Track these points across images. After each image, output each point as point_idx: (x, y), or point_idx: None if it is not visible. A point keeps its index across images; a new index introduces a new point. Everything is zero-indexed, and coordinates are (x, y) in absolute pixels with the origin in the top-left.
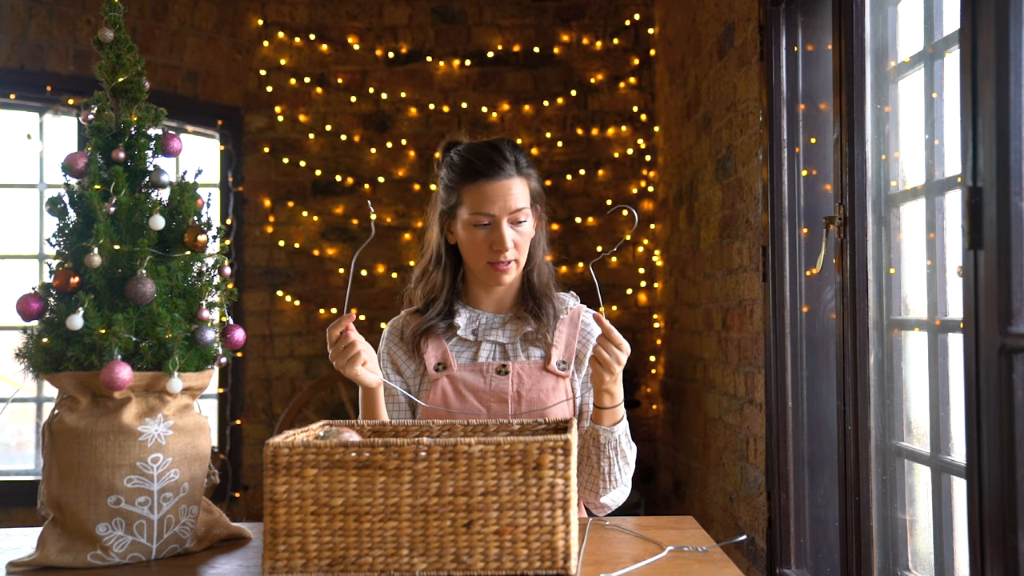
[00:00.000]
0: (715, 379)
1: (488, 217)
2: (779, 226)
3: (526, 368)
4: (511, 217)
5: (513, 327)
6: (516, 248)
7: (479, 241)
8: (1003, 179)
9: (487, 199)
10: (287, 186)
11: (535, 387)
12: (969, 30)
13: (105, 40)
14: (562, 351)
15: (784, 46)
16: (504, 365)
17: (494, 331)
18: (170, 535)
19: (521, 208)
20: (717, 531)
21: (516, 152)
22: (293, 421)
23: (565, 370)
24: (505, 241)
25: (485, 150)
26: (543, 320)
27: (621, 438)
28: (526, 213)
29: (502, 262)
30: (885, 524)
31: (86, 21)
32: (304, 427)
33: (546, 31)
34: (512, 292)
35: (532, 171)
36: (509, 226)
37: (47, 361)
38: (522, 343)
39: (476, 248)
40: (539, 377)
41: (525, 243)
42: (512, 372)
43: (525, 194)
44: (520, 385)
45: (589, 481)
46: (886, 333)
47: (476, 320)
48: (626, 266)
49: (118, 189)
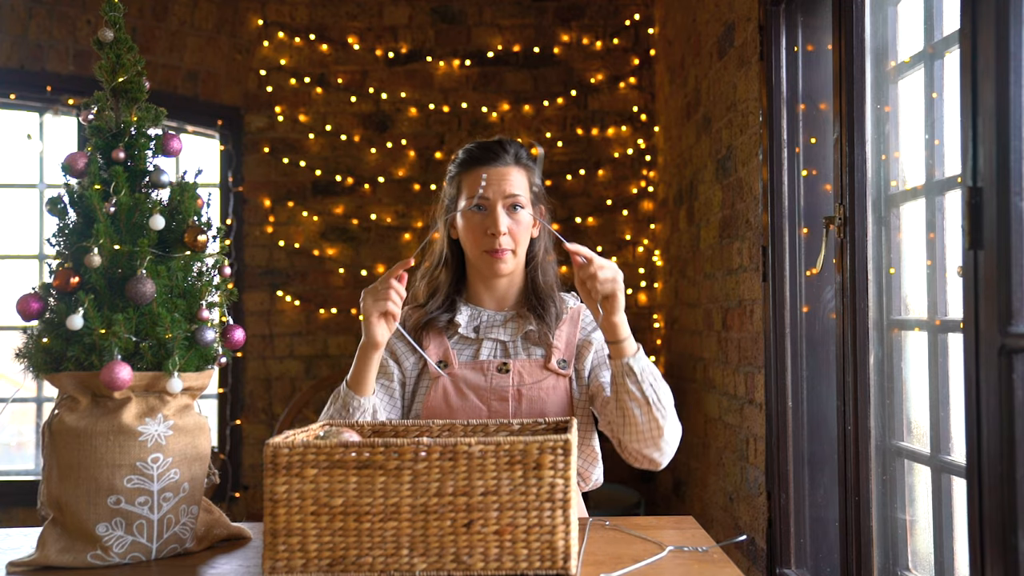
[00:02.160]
0: (715, 379)
1: (484, 200)
2: (779, 226)
3: (527, 366)
4: (506, 202)
5: (515, 325)
6: (512, 236)
7: (475, 226)
8: (1003, 179)
9: (485, 183)
10: (287, 186)
11: (536, 385)
12: (969, 30)
13: (105, 40)
14: (563, 350)
15: (784, 46)
16: (505, 363)
17: (495, 329)
18: (170, 535)
19: (517, 195)
20: (717, 531)
21: (518, 148)
22: (293, 421)
23: (565, 369)
24: (499, 224)
25: (486, 143)
26: (545, 320)
27: (648, 366)
28: (523, 201)
29: (497, 249)
30: (885, 524)
31: (86, 21)
32: (304, 427)
33: (546, 31)
34: (514, 290)
35: (534, 168)
36: (505, 211)
37: (47, 361)
38: (523, 341)
39: (473, 234)
40: (540, 375)
41: (522, 233)
42: (513, 370)
43: (523, 184)
44: (521, 383)
45: (644, 424)
46: (886, 333)
47: (478, 318)
48: (626, 266)
49: (118, 189)
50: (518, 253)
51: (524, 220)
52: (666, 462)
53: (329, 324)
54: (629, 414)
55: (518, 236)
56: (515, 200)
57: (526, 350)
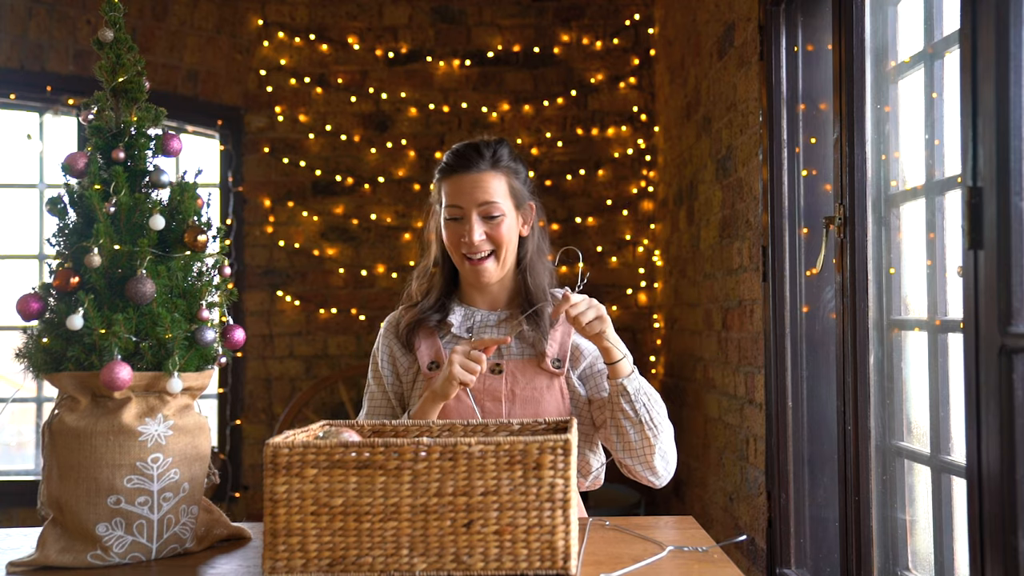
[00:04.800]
0: (715, 379)
1: (458, 210)
2: (779, 226)
3: (520, 367)
4: (481, 210)
5: (508, 326)
6: (491, 241)
7: (452, 234)
8: (1003, 179)
9: (457, 191)
10: (287, 186)
11: (529, 385)
12: (969, 30)
13: (105, 40)
14: (556, 349)
15: (784, 46)
16: (498, 364)
17: (488, 329)
18: (170, 535)
19: (492, 202)
20: (717, 531)
21: (498, 149)
22: (293, 421)
23: (560, 368)
24: (472, 233)
25: (462, 147)
26: (539, 322)
27: (643, 385)
28: (500, 208)
29: (474, 256)
30: (885, 524)
31: (86, 21)
32: (304, 427)
33: (546, 31)
34: (506, 291)
35: (516, 168)
36: (480, 219)
37: (47, 361)
38: (517, 342)
39: (451, 242)
40: (533, 375)
41: (503, 237)
42: (506, 371)
43: (500, 189)
44: (514, 383)
45: (637, 442)
46: (886, 333)
47: (471, 318)
48: (626, 266)
49: (118, 189)
50: (502, 256)
51: (504, 225)
52: (662, 482)
53: (329, 324)
54: (623, 431)
55: (500, 239)
56: (489, 209)
57: (520, 350)
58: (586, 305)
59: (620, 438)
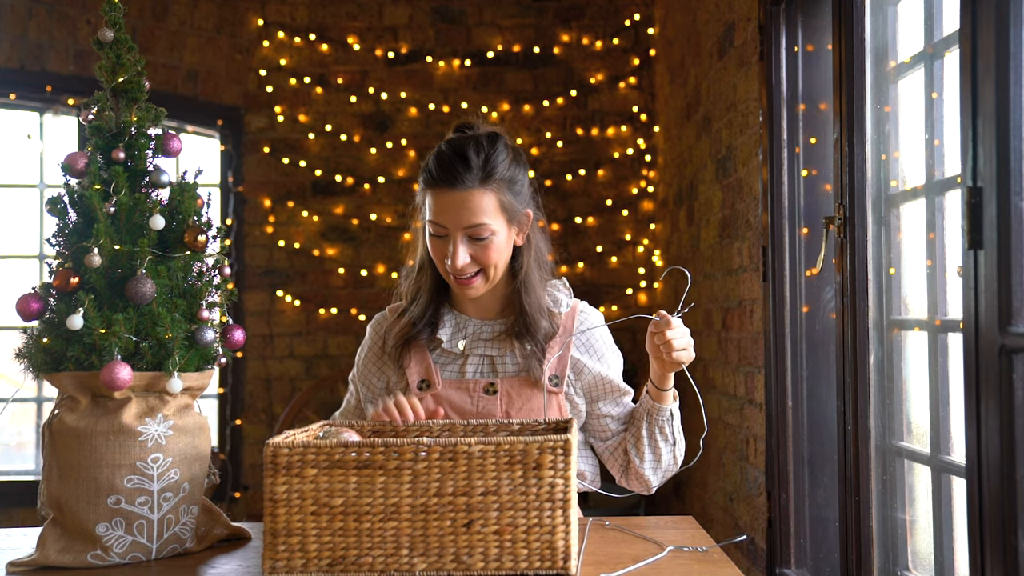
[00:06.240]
0: (715, 379)
1: (442, 228)
2: (779, 226)
3: (515, 386)
4: (467, 232)
5: (502, 341)
6: (477, 261)
7: (436, 251)
8: (1003, 179)
9: (441, 209)
10: (287, 186)
11: (525, 406)
12: (969, 30)
13: (105, 40)
14: (554, 365)
15: (784, 46)
16: (492, 384)
17: (481, 343)
18: (170, 535)
19: (479, 224)
20: (717, 531)
21: (491, 156)
22: (293, 421)
23: (558, 386)
24: (457, 257)
25: (448, 154)
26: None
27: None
28: (488, 229)
29: (461, 276)
30: (885, 524)
31: (86, 21)
32: (304, 427)
33: (546, 31)
34: (497, 299)
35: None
36: (466, 240)
37: (47, 361)
38: (511, 356)
39: (436, 258)
40: (529, 396)
41: (491, 259)
42: (501, 391)
43: (490, 207)
44: (510, 405)
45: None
46: (886, 333)
47: (463, 328)
48: (626, 266)
49: (118, 189)
50: (490, 274)
51: (494, 245)
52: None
53: (329, 324)
54: (658, 451)
55: (488, 261)
56: (476, 231)
57: (515, 366)
58: (683, 336)
59: (653, 453)
